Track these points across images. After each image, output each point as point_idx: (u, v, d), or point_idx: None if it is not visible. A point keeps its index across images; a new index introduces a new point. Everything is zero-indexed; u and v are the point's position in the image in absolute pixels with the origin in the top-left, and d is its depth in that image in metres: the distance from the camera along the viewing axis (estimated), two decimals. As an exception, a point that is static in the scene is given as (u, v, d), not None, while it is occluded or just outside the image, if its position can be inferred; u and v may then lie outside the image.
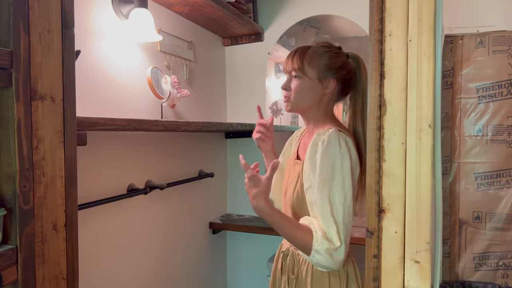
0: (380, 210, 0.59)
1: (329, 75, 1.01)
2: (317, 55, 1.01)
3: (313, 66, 1.01)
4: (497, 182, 1.62)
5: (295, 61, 1.02)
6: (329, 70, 1.01)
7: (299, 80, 1.02)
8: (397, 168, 0.58)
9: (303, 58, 1.01)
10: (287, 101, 1.06)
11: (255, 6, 1.99)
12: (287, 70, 1.05)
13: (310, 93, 1.02)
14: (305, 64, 1.01)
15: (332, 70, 1.01)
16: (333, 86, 1.02)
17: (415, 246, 0.58)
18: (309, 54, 1.02)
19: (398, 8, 0.58)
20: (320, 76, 1.01)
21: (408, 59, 0.58)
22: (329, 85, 1.02)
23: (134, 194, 1.33)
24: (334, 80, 1.02)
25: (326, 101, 1.04)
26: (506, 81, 1.61)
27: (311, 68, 1.01)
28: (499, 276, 1.62)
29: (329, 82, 1.02)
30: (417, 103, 0.57)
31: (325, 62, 1.01)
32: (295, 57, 1.02)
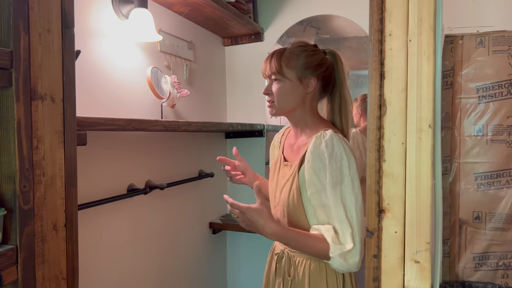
0: (380, 210, 0.59)
1: (309, 74, 1.01)
2: (294, 55, 1.02)
3: (292, 67, 1.01)
4: (497, 182, 1.62)
5: (273, 65, 1.02)
6: (307, 69, 1.01)
7: (280, 83, 1.02)
8: (397, 168, 0.58)
9: (280, 61, 1.02)
10: (271, 106, 1.06)
11: (255, 6, 1.99)
12: (266, 75, 1.05)
13: (292, 95, 1.02)
14: (283, 66, 1.01)
15: (311, 68, 1.01)
16: (314, 85, 1.02)
17: (415, 246, 0.58)
18: (286, 55, 1.02)
19: (398, 8, 0.58)
20: (300, 76, 1.01)
21: (408, 59, 0.58)
22: (310, 84, 1.02)
23: (134, 194, 1.33)
24: (314, 78, 1.02)
25: (309, 101, 1.05)
26: (506, 81, 1.61)
27: (289, 69, 1.01)
28: (499, 276, 1.62)
29: (309, 81, 1.02)
30: (417, 103, 0.57)
31: (302, 62, 1.01)
32: (273, 61, 1.02)
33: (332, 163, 0.93)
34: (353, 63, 2.10)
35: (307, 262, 1.03)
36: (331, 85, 1.06)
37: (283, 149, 1.14)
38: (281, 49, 1.04)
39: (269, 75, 1.04)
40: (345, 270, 0.95)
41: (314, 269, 1.02)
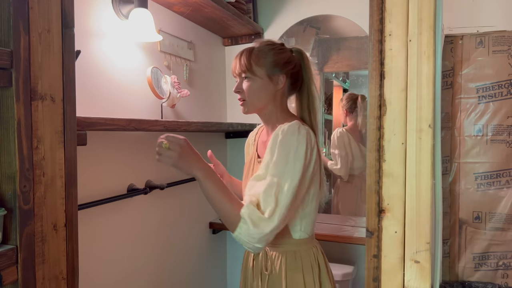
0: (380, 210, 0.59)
1: (277, 71, 1.04)
2: (263, 53, 1.04)
3: (261, 64, 1.03)
4: (497, 182, 1.62)
5: (243, 63, 1.04)
6: (276, 67, 1.04)
7: (250, 80, 1.05)
8: (397, 168, 0.58)
9: (250, 59, 1.04)
10: (242, 104, 1.07)
11: (255, 6, 1.99)
12: (236, 73, 1.07)
13: (263, 92, 1.05)
14: (253, 64, 1.03)
15: (279, 66, 1.04)
16: (283, 82, 1.05)
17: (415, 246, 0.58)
18: (255, 53, 1.04)
19: (398, 8, 0.58)
20: (269, 73, 1.04)
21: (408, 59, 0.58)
22: (279, 81, 1.05)
23: (134, 194, 1.33)
24: (283, 75, 1.05)
25: (280, 98, 1.08)
26: (506, 81, 1.61)
27: (259, 67, 1.03)
28: (499, 276, 1.63)
29: (278, 78, 1.05)
30: (417, 103, 0.57)
31: (271, 59, 1.04)
32: (242, 59, 1.04)
33: (280, 146, 0.95)
34: (353, 63, 2.10)
35: (283, 256, 1.05)
36: (299, 82, 1.09)
37: (257, 146, 1.16)
38: (249, 47, 1.06)
39: (239, 73, 1.06)
40: (250, 241, 0.88)
41: (290, 262, 1.04)
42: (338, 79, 2.24)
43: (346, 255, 1.87)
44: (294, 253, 1.05)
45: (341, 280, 1.69)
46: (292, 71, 1.06)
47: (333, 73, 2.21)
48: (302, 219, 1.04)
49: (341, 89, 2.23)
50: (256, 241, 0.88)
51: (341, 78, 2.24)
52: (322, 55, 2.16)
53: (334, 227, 1.77)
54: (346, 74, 2.22)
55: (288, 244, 1.05)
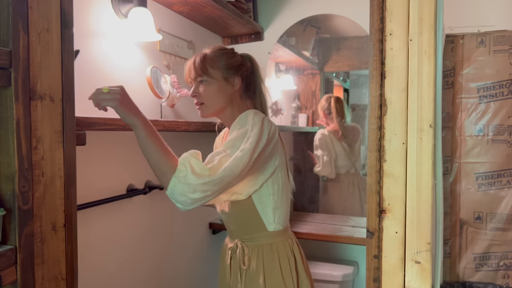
0: (381, 210, 0.59)
1: (232, 74, 1.10)
2: (216, 57, 1.09)
3: (216, 67, 1.08)
4: (498, 182, 1.62)
5: (198, 68, 1.08)
6: (231, 69, 1.10)
7: (207, 83, 1.08)
8: (398, 168, 0.58)
9: (205, 63, 1.08)
10: (200, 107, 1.10)
11: (255, 6, 1.99)
12: (192, 79, 1.10)
13: (221, 93, 1.09)
14: (209, 67, 1.08)
15: (233, 68, 1.10)
16: (238, 83, 1.11)
17: (415, 246, 0.57)
18: (209, 58, 1.09)
19: (398, 7, 0.58)
20: (225, 75, 1.09)
21: (408, 58, 0.57)
22: (235, 82, 1.10)
23: (133, 194, 1.33)
24: (238, 77, 1.11)
25: (236, 99, 1.13)
26: (507, 80, 1.61)
27: (215, 70, 1.08)
28: (500, 276, 1.62)
29: (234, 80, 1.10)
30: (418, 102, 0.57)
31: (225, 63, 1.09)
32: (196, 64, 1.08)
33: (238, 125, 1.02)
34: (353, 62, 2.10)
35: (260, 250, 1.09)
36: (252, 84, 1.16)
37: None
38: (201, 53, 1.10)
39: (195, 77, 1.09)
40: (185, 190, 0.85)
41: (267, 255, 1.08)
42: (339, 79, 2.24)
43: (346, 256, 1.87)
44: (270, 246, 1.09)
45: (342, 280, 1.68)
46: (246, 74, 1.13)
47: (333, 72, 2.21)
48: (274, 211, 1.08)
49: (341, 88, 2.23)
50: (192, 190, 0.85)
51: (341, 78, 2.24)
52: (322, 55, 2.15)
53: (334, 227, 1.77)
54: (346, 73, 2.22)
55: (264, 237, 1.09)
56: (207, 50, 1.11)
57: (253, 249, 1.09)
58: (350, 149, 2.03)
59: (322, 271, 1.71)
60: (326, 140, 2.04)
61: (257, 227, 1.09)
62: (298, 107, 2.22)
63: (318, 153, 2.04)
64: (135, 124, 0.92)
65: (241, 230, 1.13)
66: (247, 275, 1.09)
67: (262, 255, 1.08)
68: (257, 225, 1.09)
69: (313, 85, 2.20)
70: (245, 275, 1.09)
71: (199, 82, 1.09)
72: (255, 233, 1.10)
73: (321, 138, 2.04)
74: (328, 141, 2.04)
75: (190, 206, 0.88)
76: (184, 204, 0.87)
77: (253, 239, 1.10)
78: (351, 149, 2.04)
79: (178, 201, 0.87)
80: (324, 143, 2.04)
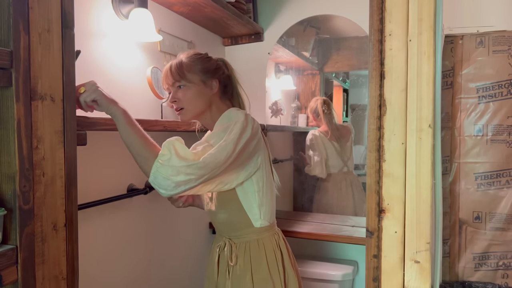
0: (380, 210, 0.59)
1: (210, 77, 1.11)
2: (193, 62, 1.10)
3: (194, 72, 1.09)
4: (497, 182, 1.62)
5: (176, 73, 1.08)
6: (208, 73, 1.11)
7: (186, 88, 1.09)
8: (397, 168, 0.58)
9: (182, 68, 1.09)
10: (180, 112, 1.11)
11: (255, 6, 1.99)
12: (169, 84, 1.10)
13: (200, 97, 1.10)
14: (186, 72, 1.08)
15: (210, 72, 1.12)
16: (217, 86, 1.12)
17: (415, 246, 0.58)
18: (186, 63, 1.09)
19: (398, 8, 0.58)
20: (203, 79, 1.10)
21: (408, 59, 0.58)
22: (213, 85, 1.12)
23: (134, 194, 1.33)
24: (216, 80, 1.12)
25: (216, 102, 1.14)
26: (506, 81, 1.61)
27: (192, 74, 1.09)
28: (499, 276, 1.62)
29: (212, 82, 1.12)
30: (417, 103, 0.57)
31: (202, 67, 1.10)
32: (173, 70, 1.08)
33: (221, 121, 1.06)
34: (353, 63, 2.10)
35: (247, 245, 1.11)
36: (229, 86, 1.18)
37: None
38: (176, 60, 1.11)
39: (173, 83, 1.09)
40: (169, 173, 0.85)
41: (254, 250, 1.10)
42: (338, 79, 2.24)
43: (346, 255, 1.87)
44: (257, 241, 1.11)
45: (341, 280, 1.69)
46: (223, 76, 1.15)
47: (333, 73, 2.21)
48: (260, 208, 1.10)
49: (341, 89, 2.23)
50: (176, 173, 0.85)
51: (341, 78, 2.24)
52: (322, 55, 2.16)
53: (334, 227, 1.77)
54: (346, 74, 2.22)
55: (251, 234, 1.11)
56: (182, 56, 1.12)
57: (240, 245, 1.12)
58: (342, 149, 2.06)
59: (322, 270, 1.71)
60: (317, 141, 2.07)
61: (243, 224, 1.11)
62: (298, 107, 2.23)
63: (309, 153, 2.07)
64: (116, 114, 0.93)
65: (228, 227, 1.15)
66: (234, 272, 1.11)
67: (249, 251, 1.10)
68: (243, 222, 1.11)
69: (313, 85, 2.20)
70: (232, 271, 1.11)
71: (177, 88, 1.10)
72: (242, 230, 1.12)
73: (312, 138, 2.08)
74: (319, 142, 2.07)
75: (174, 190, 0.87)
76: (167, 188, 0.87)
77: (240, 236, 1.12)
78: (342, 149, 2.06)
79: (161, 185, 0.87)
80: (315, 143, 2.07)
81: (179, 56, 1.13)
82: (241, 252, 1.11)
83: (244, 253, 1.11)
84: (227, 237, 1.15)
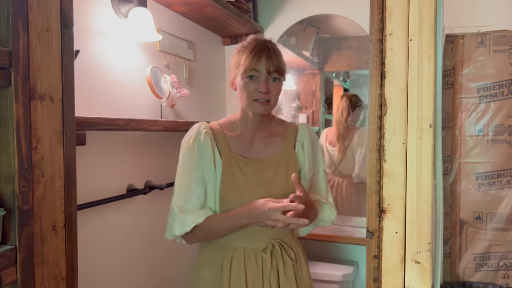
0: (381, 210, 0.59)
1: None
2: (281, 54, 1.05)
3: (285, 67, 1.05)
4: (498, 182, 1.62)
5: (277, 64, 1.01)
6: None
7: (279, 82, 1.04)
8: (398, 168, 0.58)
9: (282, 60, 1.04)
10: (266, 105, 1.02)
11: (255, 5, 1.99)
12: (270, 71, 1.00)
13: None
14: (284, 67, 1.04)
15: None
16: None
17: (415, 246, 0.57)
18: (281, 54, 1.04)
19: (398, 7, 0.58)
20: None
21: (408, 58, 0.57)
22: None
23: (133, 194, 1.33)
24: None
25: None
26: (507, 80, 1.60)
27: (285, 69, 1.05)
28: (500, 276, 1.62)
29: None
30: (418, 102, 0.57)
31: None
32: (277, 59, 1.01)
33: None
34: (353, 62, 2.10)
35: (296, 241, 1.12)
36: None
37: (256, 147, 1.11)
38: (273, 46, 1.04)
39: (272, 72, 1.00)
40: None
41: (298, 242, 1.13)
42: (339, 79, 2.24)
43: (346, 256, 1.87)
44: (291, 234, 1.12)
45: (342, 280, 1.68)
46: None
47: (333, 72, 2.21)
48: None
49: (341, 88, 2.23)
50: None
51: (341, 78, 2.23)
52: (322, 55, 2.15)
53: (334, 227, 1.77)
54: (346, 73, 2.22)
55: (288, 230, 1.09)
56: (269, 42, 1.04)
57: (290, 241, 1.09)
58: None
59: (322, 271, 1.70)
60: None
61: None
62: (298, 107, 2.23)
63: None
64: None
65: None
66: (290, 270, 1.06)
67: (297, 245, 1.11)
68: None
69: (313, 85, 2.19)
70: (289, 270, 1.05)
71: (271, 78, 1.01)
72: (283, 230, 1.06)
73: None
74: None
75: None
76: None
77: (285, 233, 1.08)
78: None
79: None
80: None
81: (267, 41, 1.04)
82: (295, 248, 1.09)
83: (297, 248, 1.10)
84: (272, 238, 1.05)
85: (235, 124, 1.10)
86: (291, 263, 1.05)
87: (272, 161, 1.06)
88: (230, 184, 1.03)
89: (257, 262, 1.03)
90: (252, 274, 1.03)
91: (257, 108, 1.02)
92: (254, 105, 1.02)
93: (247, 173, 1.04)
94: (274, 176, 1.05)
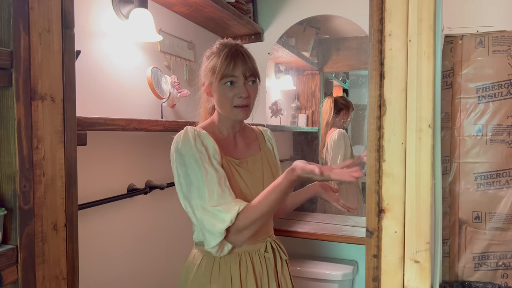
0: (380, 210, 0.59)
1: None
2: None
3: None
4: (497, 182, 1.62)
5: (251, 67, 1.02)
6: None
7: (256, 86, 1.05)
8: (397, 168, 0.58)
9: (255, 63, 1.05)
10: (246, 110, 1.03)
11: (255, 6, 1.99)
12: (246, 75, 1.01)
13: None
14: (257, 68, 1.05)
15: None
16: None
17: (415, 246, 0.58)
18: (253, 58, 1.05)
19: (398, 8, 0.58)
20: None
21: (408, 59, 0.58)
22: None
23: (134, 194, 1.33)
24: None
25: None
26: (505, 81, 1.61)
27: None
28: (498, 276, 1.63)
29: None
30: (417, 103, 0.57)
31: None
32: (251, 63, 1.02)
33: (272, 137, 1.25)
34: (353, 63, 2.10)
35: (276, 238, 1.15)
36: None
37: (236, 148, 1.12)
38: (245, 50, 1.04)
39: (248, 76, 1.01)
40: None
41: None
42: (338, 79, 2.25)
43: (345, 255, 1.87)
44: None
45: (341, 280, 1.69)
46: None
47: (333, 73, 2.21)
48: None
49: (341, 89, 2.23)
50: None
51: (341, 78, 2.24)
52: (322, 55, 2.16)
53: (334, 226, 1.77)
54: (346, 74, 2.22)
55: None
56: (241, 47, 1.04)
57: (277, 238, 1.14)
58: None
59: (322, 270, 1.71)
60: (346, 140, 2.09)
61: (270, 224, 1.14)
62: (297, 107, 2.23)
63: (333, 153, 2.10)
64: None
65: (270, 225, 1.14)
66: (285, 267, 1.11)
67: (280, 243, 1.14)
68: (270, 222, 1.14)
69: (312, 85, 2.20)
70: (285, 266, 1.10)
71: (248, 82, 1.02)
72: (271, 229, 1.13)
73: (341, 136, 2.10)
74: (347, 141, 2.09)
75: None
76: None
77: (272, 231, 1.13)
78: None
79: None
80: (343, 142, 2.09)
81: (237, 44, 1.03)
82: (281, 244, 1.13)
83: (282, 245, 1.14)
84: (269, 237, 1.09)
85: (219, 127, 1.08)
86: (285, 259, 1.11)
87: (255, 161, 1.09)
88: (232, 185, 1.02)
89: (261, 262, 1.05)
90: (259, 275, 1.03)
91: (238, 115, 1.03)
92: (235, 112, 1.03)
93: (241, 174, 1.05)
94: (262, 176, 1.09)
